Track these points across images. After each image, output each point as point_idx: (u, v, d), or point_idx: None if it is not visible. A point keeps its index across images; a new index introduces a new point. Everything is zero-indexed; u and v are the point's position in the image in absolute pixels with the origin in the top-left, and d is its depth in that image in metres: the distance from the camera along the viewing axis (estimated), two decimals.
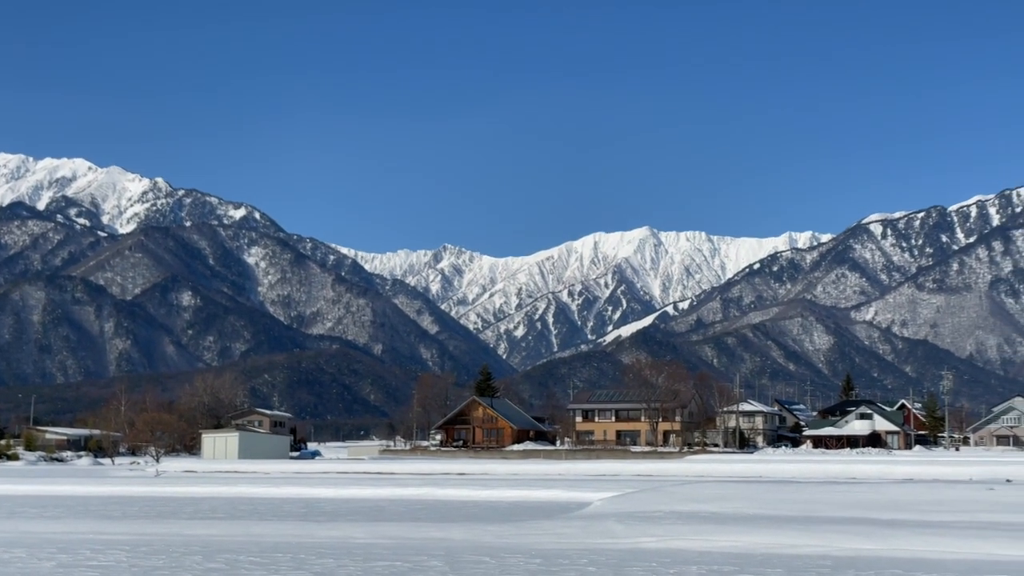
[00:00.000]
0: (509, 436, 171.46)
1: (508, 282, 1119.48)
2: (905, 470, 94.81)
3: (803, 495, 56.95)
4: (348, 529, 41.00)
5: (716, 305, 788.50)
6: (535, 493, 65.60)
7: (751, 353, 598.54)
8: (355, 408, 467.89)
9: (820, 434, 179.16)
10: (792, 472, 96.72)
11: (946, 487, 66.07)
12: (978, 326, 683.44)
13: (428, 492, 67.81)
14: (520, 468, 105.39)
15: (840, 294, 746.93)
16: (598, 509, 48.71)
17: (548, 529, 39.67)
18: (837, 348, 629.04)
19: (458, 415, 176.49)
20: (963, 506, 49.05)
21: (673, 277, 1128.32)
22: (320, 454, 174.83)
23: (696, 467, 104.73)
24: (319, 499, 64.34)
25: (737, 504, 49.75)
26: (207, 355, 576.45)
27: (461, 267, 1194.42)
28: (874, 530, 37.48)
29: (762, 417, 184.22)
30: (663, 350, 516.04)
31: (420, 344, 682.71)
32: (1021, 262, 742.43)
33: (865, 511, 46.14)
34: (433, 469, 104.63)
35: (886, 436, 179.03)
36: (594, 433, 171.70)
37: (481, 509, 55.42)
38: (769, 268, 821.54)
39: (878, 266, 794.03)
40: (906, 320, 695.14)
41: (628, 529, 38.88)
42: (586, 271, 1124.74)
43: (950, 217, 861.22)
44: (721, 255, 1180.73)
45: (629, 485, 69.78)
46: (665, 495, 55.79)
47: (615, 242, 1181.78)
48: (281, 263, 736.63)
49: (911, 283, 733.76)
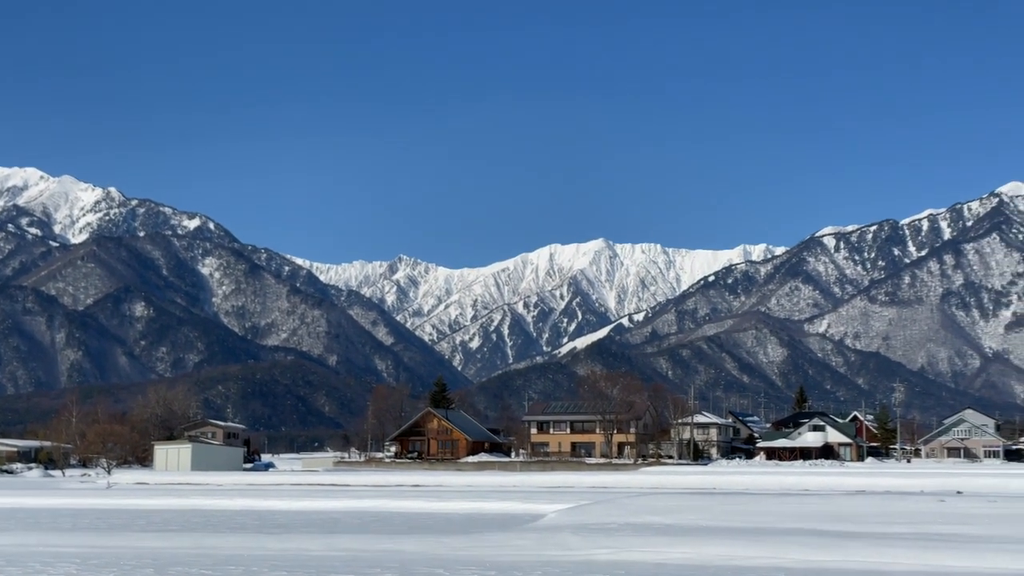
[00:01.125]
0: (464, 448, 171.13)
1: (463, 293, 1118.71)
2: (857, 482, 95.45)
3: (756, 507, 57.21)
4: (302, 542, 40.80)
5: (671, 317, 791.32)
6: (490, 505, 65.57)
7: (706, 365, 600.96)
8: (310, 420, 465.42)
9: (773, 446, 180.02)
10: (746, 484, 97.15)
11: (898, 499, 66.57)
12: (929, 339, 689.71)
13: (383, 504, 67.62)
14: (475, 480, 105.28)
15: (794, 307, 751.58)
16: (553, 521, 48.73)
17: (503, 541, 39.64)
18: (791, 360, 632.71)
19: (413, 427, 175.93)
20: (914, 518, 49.45)
21: (628, 289, 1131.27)
22: (274, 466, 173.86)
23: (650, 479, 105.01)
24: (273, 511, 64.01)
25: (691, 516, 49.93)
26: (160, 366, 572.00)
27: (416, 278, 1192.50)
28: (826, 541, 37.71)
29: (716, 429, 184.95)
30: (618, 362, 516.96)
31: (375, 355, 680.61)
32: (972, 276, 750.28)
33: (817, 523, 46.42)
34: (388, 481, 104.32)
35: (839, 448, 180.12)
36: (549, 445, 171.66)
37: (436, 521, 55.32)
38: (724, 281, 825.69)
39: (831, 279, 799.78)
40: (859, 333, 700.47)
41: (582, 541, 38.92)
42: (541, 283, 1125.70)
43: (902, 231, 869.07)
44: (676, 267, 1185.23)
45: (584, 497, 69.86)
46: (619, 507, 55.89)
47: (571, 254, 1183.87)
48: (235, 274, 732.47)
49: (864, 296, 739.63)
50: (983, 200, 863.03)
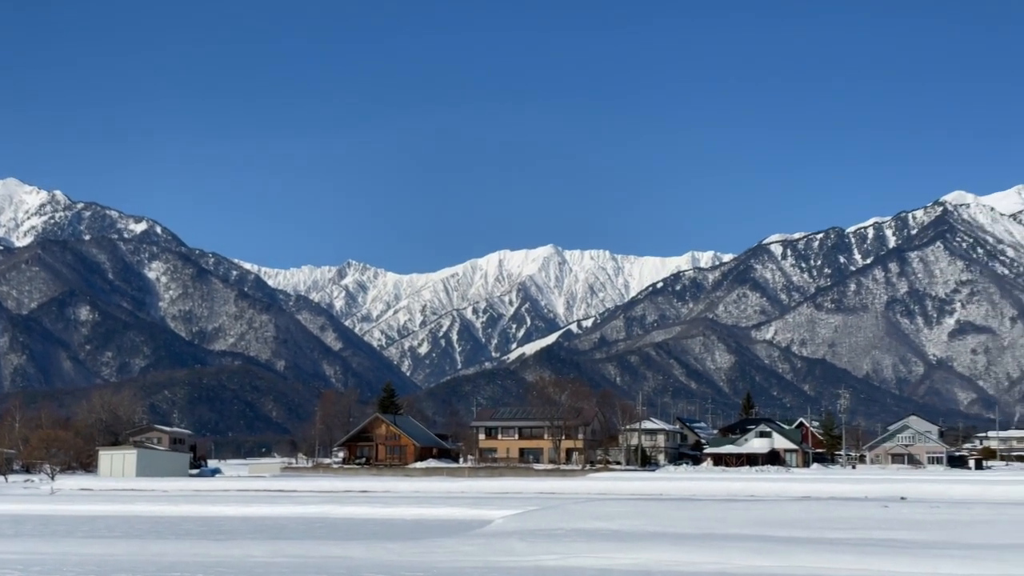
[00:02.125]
0: (412, 453, 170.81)
1: (412, 299, 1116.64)
2: (803, 488, 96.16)
3: (703, 512, 57.49)
4: (248, 547, 40.56)
5: (619, 323, 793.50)
6: (437, 511, 65.50)
7: (653, 371, 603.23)
8: (257, 425, 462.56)
9: (720, 452, 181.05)
10: (693, 490, 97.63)
11: (842, 505, 67.11)
12: (874, 346, 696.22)
13: (329, 510, 67.36)
14: (423, 486, 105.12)
15: (741, 313, 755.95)
16: (500, 527, 48.74)
17: (449, 547, 39.60)
18: (738, 367, 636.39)
19: (361, 432, 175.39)
20: (859, 523, 49.88)
21: (577, 295, 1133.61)
22: (220, 471, 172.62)
23: (598, 485, 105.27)
24: (218, 517, 63.59)
25: (638, 522, 50.10)
26: (105, 371, 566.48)
27: (365, 283, 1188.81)
28: (772, 547, 37.96)
29: (664, 435, 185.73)
30: (567, 368, 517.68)
31: (323, 360, 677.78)
32: (916, 283, 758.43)
33: (763, 528, 46.71)
34: (335, 487, 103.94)
35: (785, 454, 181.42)
36: (497, 451, 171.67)
37: (383, 527, 55.20)
38: (672, 287, 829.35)
39: (778, 286, 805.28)
40: (805, 339, 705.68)
41: (530, 547, 38.96)
42: (490, 288, 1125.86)
43: (848, 238, 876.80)
44: (625, 274, 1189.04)
45: (531, 503, 69.91)
46: (567, 513, 55.98)
47: (520, 260, 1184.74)
48: (183, 278, 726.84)
49: (810, 303, 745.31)
50: (927, 209, 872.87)
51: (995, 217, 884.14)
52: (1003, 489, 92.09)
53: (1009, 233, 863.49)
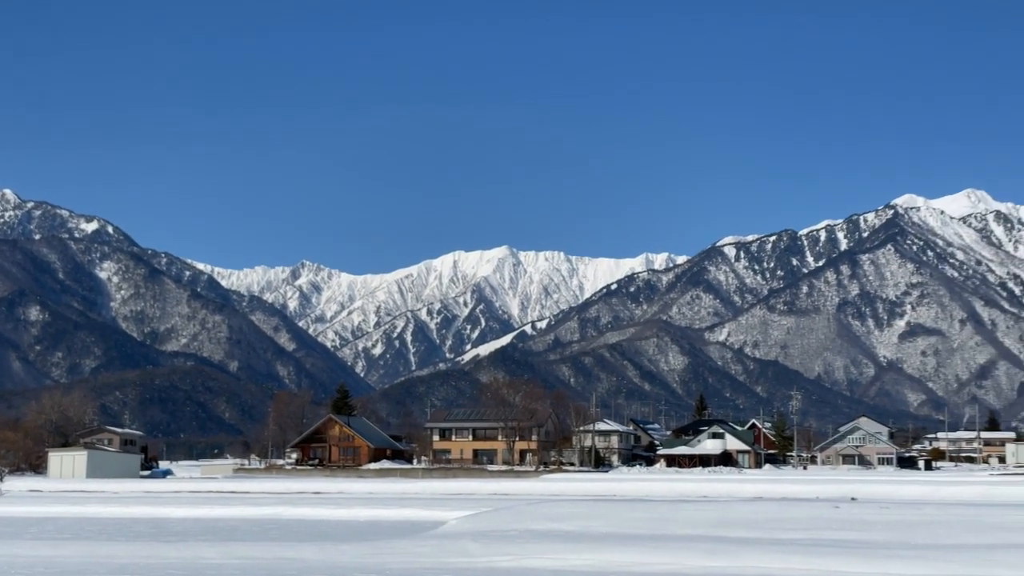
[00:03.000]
0: (366, 455, 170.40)
1: (367, 300, 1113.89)
2: (755, 488, 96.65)
3: (656, 513, 57.67)
4: (199, 549, 40.29)
5: (574, 325, 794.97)
6: (391, 512, 65.35)
7: (607, 373, 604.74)
8: (209, 426, 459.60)
9: (673, 453, 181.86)
10: (646, 491, 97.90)
11: (794, 505, 67.52)
12: (826, 348, 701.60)
13: (282, 511, 67.03)
14: (376, 487, 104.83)
15: (695, 315, 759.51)
16: (453, 528, 48.70)
17: (403, 548, 39.52)
18: (691, 368, 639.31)
19: (314, 433, 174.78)
20: (810, 524, 50.19)
21: (531, 296, 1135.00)
22: (172, 473, 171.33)
23: (552, 486, 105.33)
24: (169, 519, 63.15)
25: (591, 522, 50.19)
26: (55, 371, 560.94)
27: (319, 284, 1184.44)
28: (724, 547, 38.14)
29: (617, 436, 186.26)
30: (521, 369, 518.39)
31: (277, 361, 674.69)
32: (867, 286, 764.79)
33: (715, 529, 46.91)
34: (288, 488, 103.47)
35: (737, 455, 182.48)
36: (451, 452, 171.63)
37: (336, 528, 55.01)
38: (626, 289, 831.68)
39: (731, 288, 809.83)
40: (757, 341, 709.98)
41: (483, 548, 38.95)
42: (445, 289, 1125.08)
43: (800, 241, 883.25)
44: (579, 275, 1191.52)
45: (485, 504, 69.89)
46: (520, 514, 56.01)
47: (474, 261, 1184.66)
48: (135, 278, 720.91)
49: (763, 305, 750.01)
50: (879, 212, 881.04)
51: (945, 220, 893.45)
52: (952, 490, 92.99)
53: (958, 236, 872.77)
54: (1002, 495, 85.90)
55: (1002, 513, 59.18)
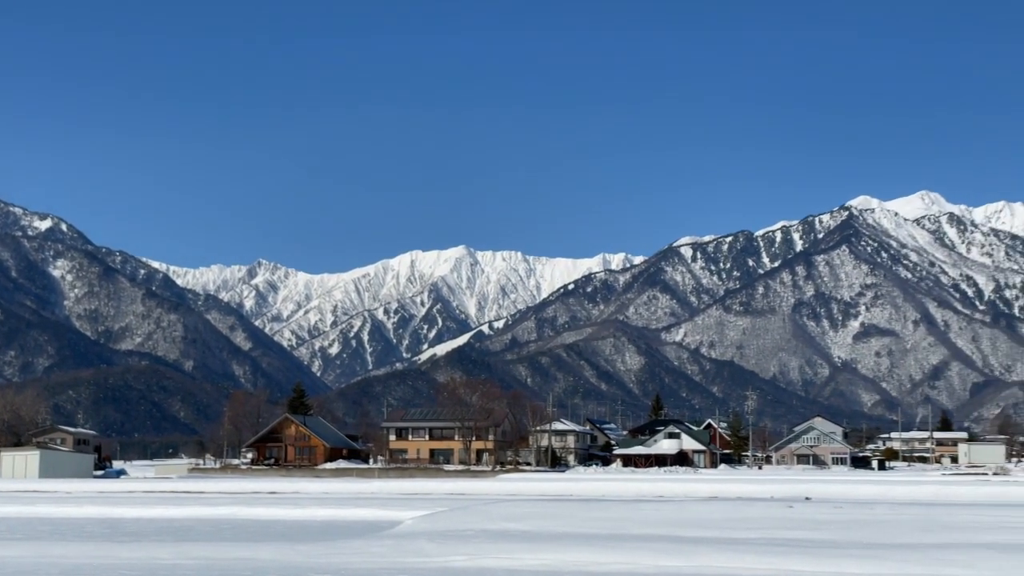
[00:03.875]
0: (322, 454, 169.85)
1: (323, 299, 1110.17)
2: (710, 488, 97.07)
3: (612, 513, 57.82)
4: (153, 550, 40.03)
5: (531, 325, 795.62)
6: (347, 512, 65.16)
7: (564, 373, 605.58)
8: (164, 426, 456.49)
9: (630, 453, 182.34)
10: (602, 490, 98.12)
11: (748, 505, 67.86)
12: (781, 348, 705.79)
13: (237, 511, 66.70)
14: (332, 487, 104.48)
15: (651, 315, 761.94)
16: (409, 528, 48.64)
17: (359, 548, 39.43)
18: (648, 368, 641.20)
19: (270, 433, 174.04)
20: (764, 523, 50.46)
21: (489, 296, 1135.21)
22: (126, 473, 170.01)
23: (508, 486, 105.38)
24: (123, 519, 62.69)
25: (547, 522, 50.26)
26: (8, 370, 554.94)
27: (276, 283, 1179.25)
28: (679, 547, 38.30)
29: (574, 436, 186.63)
30: (478, 369, 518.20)
31: (233, 360, 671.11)
32: (822, 286, 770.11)
33: (671, 528, 47.09)
34: (243, 488, 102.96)
35: (693, 455, 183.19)
36: (408, 451, 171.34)
37: (291, 528, 54.81)
38: (583, 289, 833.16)
39: (688, 288, 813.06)
40: (714, 341, 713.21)
41: (439, 548, 38.93)
42: (402, 289, 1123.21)
43: (756, 242, 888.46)
44: (536, 275, 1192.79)
45: (441, 504, 69.84)
46: (476, 514, 56.01)
47: (432, 261, 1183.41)
48: (89, 276, 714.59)
49: (719, 305, 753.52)
50: (834, 213, 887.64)
51: (899, 222, 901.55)
52: (905, 489, 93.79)
53: (912, 238, 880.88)
54: (954, 495, 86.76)
55: (954, 513, 59.75)
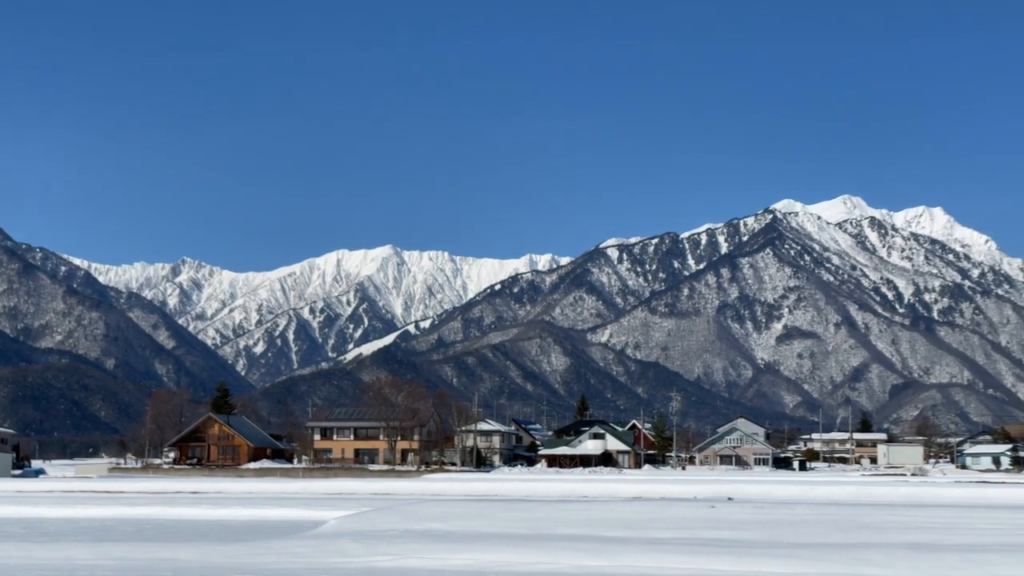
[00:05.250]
0: (245, 454, 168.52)
1: (249, 298, 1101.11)
2: (634, 488, 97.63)
3: (536, 513, 57.97)
4: (71, 550, 39.50)
5: (457, 325, 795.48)
6: (270, 512, 64.72)
7: (490, 373, 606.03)
8: (84, 425, 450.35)
9: (555, 453, 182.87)
10: (526, 491, 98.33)
11: (672, 505, 68.37)
12: (705, 349, 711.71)
13: (158, 511, 65.98)
14: (256, 487, 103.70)
15: (577, 316, 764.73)
16: (333, 528, 48.43)
17: (281, 548, 39.19)
18: (573, 369, 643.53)
19: (193, 432, 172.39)
20: (687, 523, 50.87)
21: (415, 296, 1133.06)
22: (45, 472, 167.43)
23: (433, 486, 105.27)
24: (41, 519, 61.77)
25: (471, 522, 50.29)
26: None
27: (200, 281, 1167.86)
28: (603, 547, 38.50)
29: (499, 436, 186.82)
30: (404, 369, 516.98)
31: (155, 359, 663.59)
32: (746, 289, 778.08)
33: (595, 529, 47.31)
34: (165, 487, 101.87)
35: (617, 455, 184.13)
36: (332, 451, 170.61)
37: (213, 528, 54.34)
38: (510, 289, 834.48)
39: (614, 290, 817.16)
40: (639, 343, 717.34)
41: (362, 548, 38.80)
42: (328, 288, 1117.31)
43: (682, 244, 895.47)
44: (463, 275, 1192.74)
45: (366, 504, 69.60)
46: (401, 514, 55.90)
47: (358, 260, 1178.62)
48: (7, 273, 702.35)
49: (644, 307, 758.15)
50: (758, 216, 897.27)
51: (821, 226, 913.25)
52: (825, 490, 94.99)
53: (834, 241, 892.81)
54: (873, 495, 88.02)
55: (873, 513, 60.62)
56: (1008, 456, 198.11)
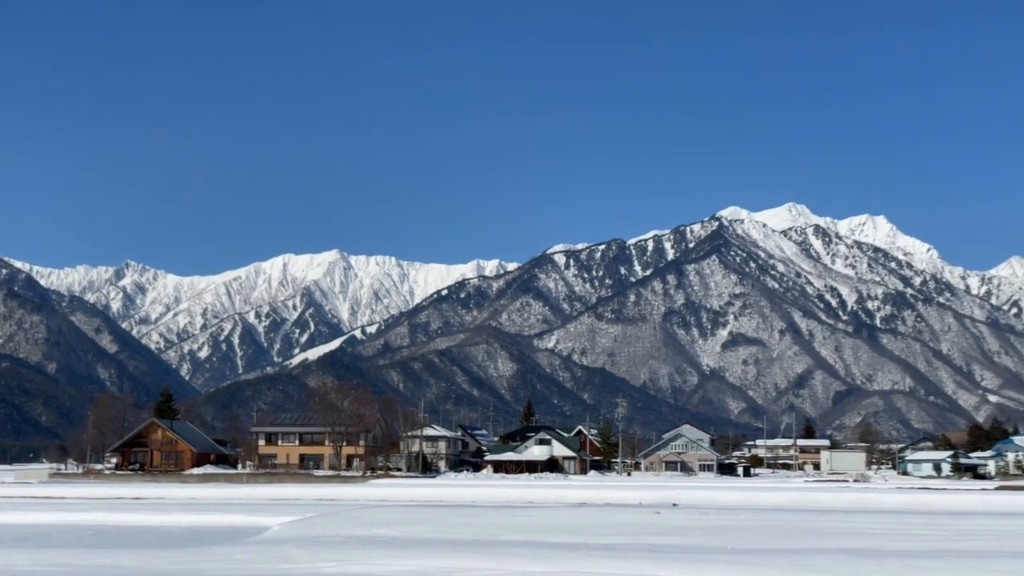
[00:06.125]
0: (189, 459, 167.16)
1: (193, 302, 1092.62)
2: (580, 494, 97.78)
3: (482, 519, 57.95)
4: (10, 556, 39.02)
5: (404, 330, 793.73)
6: (213, 518, 64.25)
7: (437, 378, 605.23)
8: (25, 429, 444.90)
9: (501, 459, 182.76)
10: (472, 496, 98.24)
11: (617, 511, 68.56)
12: (651, 356, 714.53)
13: (100, 517, 65.32)
14: (199, 492, 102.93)
15: (524, 322, 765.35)
16: (277, 534, 48.16)
17: (223, 555, 38.92)
18: (520, 375, 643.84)
19: (136, 437, 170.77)
20: (632, 529, 51.05)
21: (362, 301, 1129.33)
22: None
23: (379, 491, 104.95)
24: None
25: (417, 528, 50.18)
26: None
27: (144, 285, 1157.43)
28: (548, 552, 38.55)
29: (445, 442, 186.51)
30: (350, 374, 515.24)
31: (98, 363, 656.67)
32: (692, 295, 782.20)
33: (540, 534, 47.36)
34: (106, 493, 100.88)
35: (563, 461, 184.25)
36: (277, 456, 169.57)
37: (155, 535, 53.85)
38: (457, 295, 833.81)
39: (561, 296, 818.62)
40: (585, 348, 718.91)
41: (307, 554, 38.62)
42: (274, 293, 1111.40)
43: (629, 250, 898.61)
44: (410, 281, 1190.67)
45: (310, 509, 69.28)
46: (346, 520, 55.69)
47: (304, 264, 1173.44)
48: None
49: (591, 313, 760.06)
50: (704, 223, 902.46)
51: (767, 233, 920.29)
52: (768, 496, 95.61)
53: (779, 248, 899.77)
54: (815, 501, 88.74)
55: (815, 519, 61.13)
56: (949, 463, 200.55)
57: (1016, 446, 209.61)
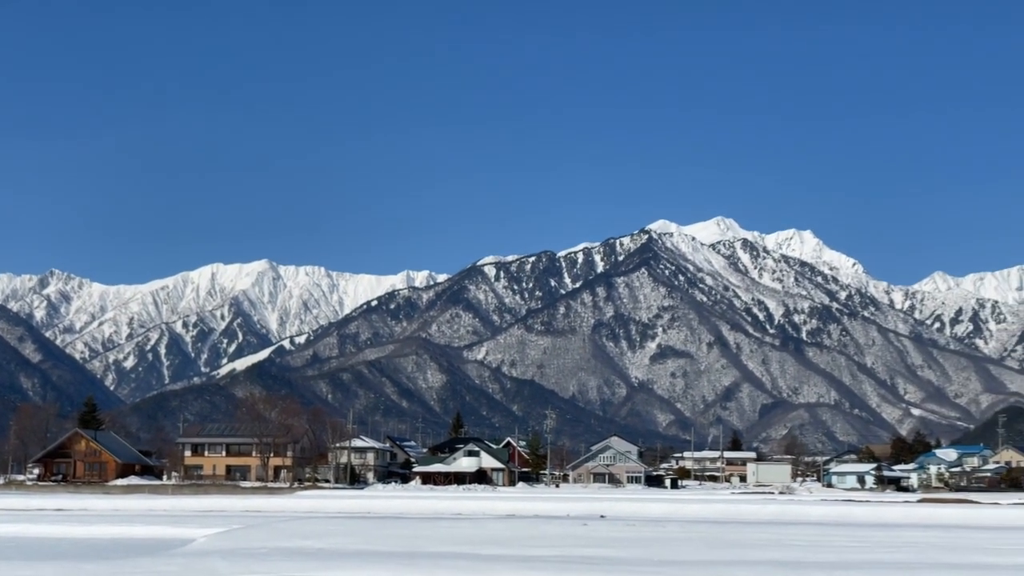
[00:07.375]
0: (113, 470, 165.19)
1: (119, 311, 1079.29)
2: (508, 506, 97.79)
3: (409, 530, 57.80)
4: None
5: (333, 341, 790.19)
6: (137, 530, 63.47)
7: (366, 389, 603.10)
8: None
9: (429, 470, 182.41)
10: (400, 508, 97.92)
11: (545, 523, 68.63)
12: (581, 368, 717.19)
13: (21, 529, 64.28)
14: (123, 504, 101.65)
15: (454, 333, 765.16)
16: (202, 546, 47.71)
17: (147, 567, 38.48)
18: (449, 386, 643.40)
19: (59, 448, 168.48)
20: (560, 541, 51.15)
21: (291, 311, 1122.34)
22: None
23: (306, 503, 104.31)
24: None
25: (344, 540, 49.94)
26: None
27: (69, 294, 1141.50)
28: (475, 564, 38.53)
29: (374, 453, 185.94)
30: (278, 384, 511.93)
31: (20, 373, 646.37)
32: (622, 308, 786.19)
33: (468, 546, 47.32)
34: (27, 504, 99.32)
35: (492, 473, 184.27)
36: (204, 467, 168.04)
37: (77, 547, 53.09)
38: (386, 306, 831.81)
39: (491, 307, 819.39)
40: (515, 360, 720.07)
41: (232, 566, 38.29)
42: (202, 302, 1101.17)
43: (559, 262, 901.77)
44: (340, 291, 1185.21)
45: (236, 521, 68.66)
46: (272, 531, 55.28)
47: (233, 274, 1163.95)
48: None
49: (521, 324, 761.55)
50: (634, 236, 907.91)
51: (696, 246, 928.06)
52: (695, 507, 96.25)
53: (708, 262, 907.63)
54: (742, 513, 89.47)
55: (741, 530, 61.62)
56: (872, 475, 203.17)
57: (938, 459, 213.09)
